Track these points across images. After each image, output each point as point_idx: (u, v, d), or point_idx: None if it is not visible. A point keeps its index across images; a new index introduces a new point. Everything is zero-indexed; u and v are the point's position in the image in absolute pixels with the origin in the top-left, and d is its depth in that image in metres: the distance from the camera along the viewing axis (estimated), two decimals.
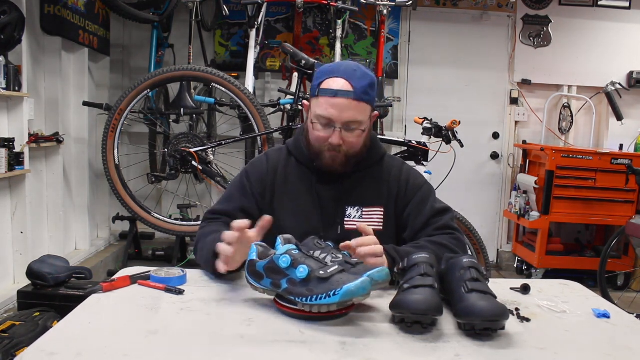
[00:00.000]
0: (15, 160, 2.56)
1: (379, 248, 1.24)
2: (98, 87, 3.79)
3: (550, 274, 3.94)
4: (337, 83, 1.34)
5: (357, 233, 1.38)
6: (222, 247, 1.19)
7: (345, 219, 1.43)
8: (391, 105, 3.44)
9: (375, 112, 1.45)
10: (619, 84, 4.27)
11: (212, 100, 3.04)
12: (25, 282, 2.22)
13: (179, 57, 3.80)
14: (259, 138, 2.63)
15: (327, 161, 1.41)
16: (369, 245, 1.23)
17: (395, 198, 1.46)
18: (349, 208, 1.44)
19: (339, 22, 3.37)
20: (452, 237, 1.41)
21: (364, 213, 1.44)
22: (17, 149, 2.60)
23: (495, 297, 1.03)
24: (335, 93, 1.33)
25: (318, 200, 1.44)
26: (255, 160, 1.56)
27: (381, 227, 1.43)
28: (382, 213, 1.45)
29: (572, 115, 4.39)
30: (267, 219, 1.25)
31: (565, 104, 4.39)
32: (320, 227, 1.42)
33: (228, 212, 1.44)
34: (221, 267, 1.19)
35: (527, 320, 1.11)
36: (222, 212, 1.45)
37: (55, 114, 3.09)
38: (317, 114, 1.37)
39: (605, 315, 1.16)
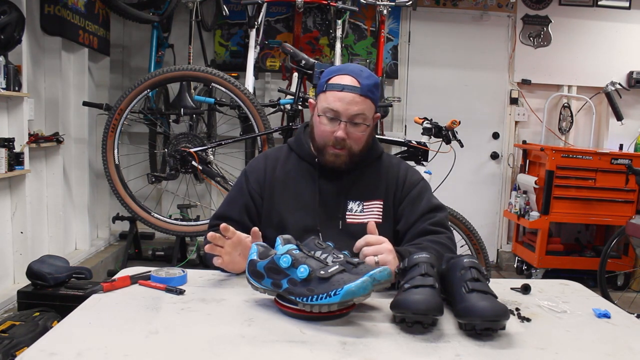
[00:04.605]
0: (15, 160, 2.56)
1: (384, 248, 1.25)
2: (98, 87, 3.79)
3: (550, 274, 3.95)
4: (345, 79, 1.40)
5: (357, 227, 1.42)
6: (206, 247, 1.28)
7: (347, 213, 1.47)
8: (391, 105, 3.45)
9: (377, 114, 1.49)
10: (619, 84, 4.27)
11: (212, 100, 3.04)
12: (25, 282, 2.22)
13: (179, 57, 3.80)
14: (259, 138, 2.63)
15: (329, 158, 1.44)
16: (374, 245, 1.25)
17: (393, 192, 1.50)
18: (350, 202, 1.48)
19: (339, 22, 3.37)
20: (447, 237, 1.45)
21: (364, 207, 1.47)
22: (17, 149, 2.60)
23: (496, 297, 1.03)
24: (342, 87, 1.38)
25: (320, 195, 1.48)
26: (254, 161, 1.61)
27: (380, 220, 1.47)
28: (381, 206, 1.48)
29: (572, 115, 4.39)
30: (255, 231, 1.31)
31: (565, 104, 4.39)
32: (322, 221, 1.45)
33: (230, 216, 1.49)
34: (215, 261, 1.27)
35: (528, 320, 1.11)
36: (224, 216, 1.49)
37: (55, 114, 3.09)
38: (324, 107, 1.41)
39: (606, 315, 1.16)
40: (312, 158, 1.49)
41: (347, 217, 1.46)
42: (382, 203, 1.48)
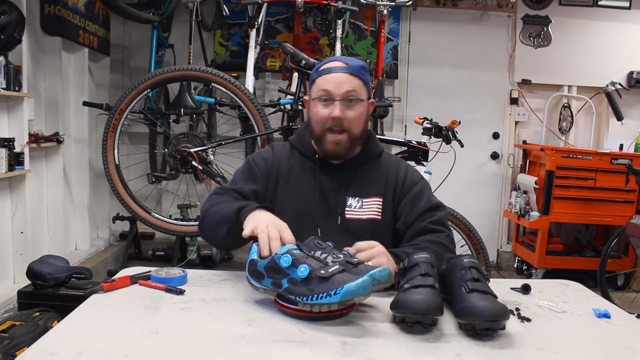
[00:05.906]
0: (15, 160, 2.56)
1: (376, 251, 1.24)
2: (98, 87, 3.79)
3: (550, 274, 3.94)
4: (333, 64, 1.45)
5: (356, 223, 1.44)
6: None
7: (346, 208, 1.48)
8: (391, 105, 3.44)
9: (372, 100, 1.52)
10: (619, 84, 4.26)
11: (212, 100, 3.04)
12: (25, 282, 2.21)
13: (179, 57, 3.80)
14: (259, 138, 2.63)
15: (329, 146, 1.45)
16: (365, 250, 1.24)
17: (392, 190, 1.51)
18: (350, 198, 1.49)
19: (339, 22, 3.36)
20: (446, 236, 1.45)
21: (363, 203, 1.48)
22: (17, 149, 2.60)
23: (496, 297, 1.03)
24: (330, 70, 1.44)
25: (320, 191, 1.48)
26: (261, 150, 1.63)
27: (379, 217, 1.48)
28: (380, 203, 1.49)
29: (572, 115, 4.39)
30: None
31: (565, 104, 4.39)
32: (321, 217, 1.46)
33: (238, 189, 1.43)
34: (247, 231, 1.18)
35: (528, 320, 1.11)
36: (231, 189, 1.44)
37: (55, 114, 3.09)
38: (317, 90, 1.44)
39: (606, 315, 1.16)
40: (314, 154, 1.51)
41: (346, 212, 1.47)
42: (381, 200, 1.49)
